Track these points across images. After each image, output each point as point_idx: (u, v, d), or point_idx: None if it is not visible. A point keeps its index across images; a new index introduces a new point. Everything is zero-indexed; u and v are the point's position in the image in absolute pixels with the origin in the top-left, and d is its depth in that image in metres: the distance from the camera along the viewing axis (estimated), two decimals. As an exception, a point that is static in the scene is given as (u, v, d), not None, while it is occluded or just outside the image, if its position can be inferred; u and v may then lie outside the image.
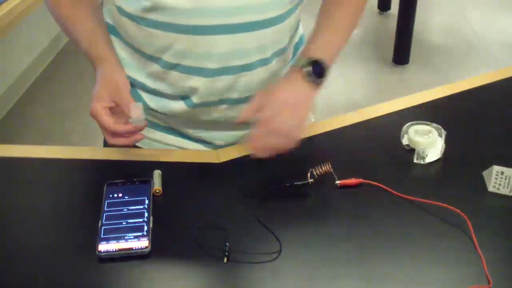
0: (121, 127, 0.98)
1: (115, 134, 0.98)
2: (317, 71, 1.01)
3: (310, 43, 1.05)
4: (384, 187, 0.95)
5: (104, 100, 0.99)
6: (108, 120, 0.97)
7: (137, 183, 0.97)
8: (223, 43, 0.99)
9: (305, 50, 1.05)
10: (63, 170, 1.05)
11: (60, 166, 1.05)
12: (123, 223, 0.89)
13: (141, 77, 1.09)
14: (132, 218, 0.90)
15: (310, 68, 1.00)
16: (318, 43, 1.05)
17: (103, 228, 0.89)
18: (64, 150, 1.10)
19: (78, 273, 0.83)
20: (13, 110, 3.18)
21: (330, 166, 0.96)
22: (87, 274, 0.83)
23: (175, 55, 1.02)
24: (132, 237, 0.87)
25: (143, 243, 0.85)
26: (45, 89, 3.38)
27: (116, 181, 0.98)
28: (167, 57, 1.03)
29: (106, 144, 1.24)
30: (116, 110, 1.00)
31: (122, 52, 1.10)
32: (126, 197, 0.94)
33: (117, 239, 0.86)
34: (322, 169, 0.96)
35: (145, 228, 0.88)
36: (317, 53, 1.02)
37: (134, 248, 0.85)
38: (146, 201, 0.93)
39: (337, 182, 0.97)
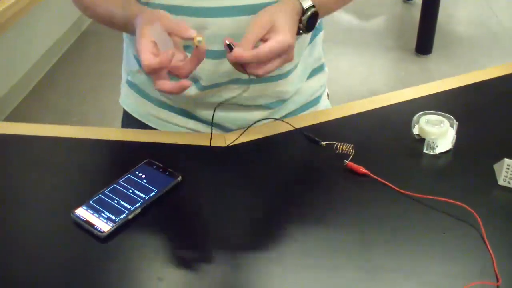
0: (155, 61, 0.85)
1: (154, 71, 0.87)
2: (310, 22, 0.97)
3: None
4: (390, 184, 0.93)
5: (146, 35, 0.88)
6: (145, 57, 0.85)
7: (166, 173, 0.94)
8: (228, 25, 0.99)
9: None
10: (74, 149, 1.05)
11: (71, 145, 1.06)
12: (115, 201, 0.89)
13: None
14: (124, 201, 0.89)
15: (309, 14, 0.96)
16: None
17: (99, 195, 0.89)
18: (72, 130, 1.10)
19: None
20: (34, 91, 3.21)
21: (352, 148, 0.98)
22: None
23: None
24: (105, 216, 0.86)
25: (105, 226, 0.84)
26: (66, 70, 3.41)
27: (156, 162, 0.96)
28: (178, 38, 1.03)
29: (124, 122, 1.25)
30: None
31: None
32: (144, 181, 0.93)
33: (96, 211, 0.86)
34: (344, 147, 0.98)
35: (122, 215, 0.86)
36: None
37: (95, 226, 0.84)
38: (152, 193, 0.90)
39: (346, 161, 0.96)
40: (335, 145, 1.00)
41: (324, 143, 1.01)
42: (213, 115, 1.07)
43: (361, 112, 1.12)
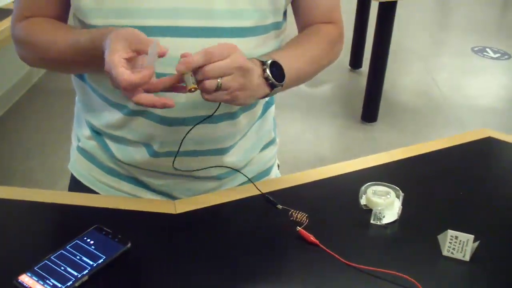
0: (136, 76, 0.83)
1: (133, 87, 0.84)
2: (275, 71, 0.96)
3: (271, 54, 1.00)
4: (337, 256, 0.94)
5: (119, 50, 0.85)
6: (123, 72, 0.82)
7: (115, 240, 0.93)
8: (185, 94, 1.00)
9: (264, 55, 0.99)
10: (18, 212, 1.03)
11: (15, 207, 1.03)
12: (62, 267, 0.86)
13: (106, 125, 1.09)
14: (71, 267, 0.86)
15: (269, 63, 0.95)
16: (280, 57, 0.99)
17: (45, 262, 0.87)
18: (17, 192, 1.08)
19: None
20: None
21: (306, 218, 1.00)
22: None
23: None
24: (51, 284, 0.83)
25: None
26: (11, 126, 3.35)
27: (105, 228, 0.95)
28: (131, 105, 1.03)
29: (71, 188, 1.23)
30: (135, 64, 0.88)
31: (89, 98, 1.10)
32: (92, 247, 0.91)
33: (41, 278, 0.84)
34: (299, 215, 1.00)
35: (69, 283, 0.84)
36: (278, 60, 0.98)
37: None
38: (100, 260, 0.88)
39: (298, 228, 0.98)
40: (290, 212, 1.01)
41: (280, 206, 1.02)
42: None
43: (311, 182, 1.14)
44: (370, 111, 3.54)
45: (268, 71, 0.94)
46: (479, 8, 6.02)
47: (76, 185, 1.21)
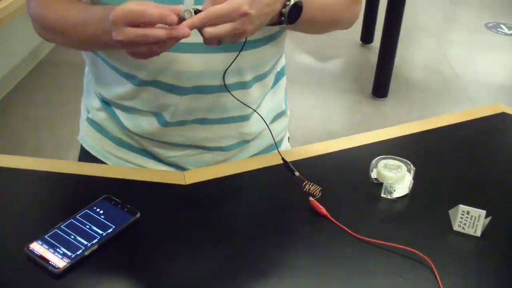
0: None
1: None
2: (294, 13, 0.92)
3: None
4: (347, 229, 0.93)
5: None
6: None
7: (125, 210, 0.93)
8: (197, 62, 0.99)
9: None
10: (30, 181, 1.03)
11: (28, 177, 1.04)
12: (72, 236, 0.87)
13: (117, 95, 1.09)
14: (81, 236, 0.87)
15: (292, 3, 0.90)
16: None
17: (55, 230, 0.87)
18: (29, 161, 1.08)
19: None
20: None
21: (319, 191, 0.98)
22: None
23: (151, 72, 1.01)
24: (61, 252, 0.84)
25: (60, 262, 0.82)
26: (20, 99, 3.35)
27: (114, 198, 0.95)
28: (142, 75, 1.02)
29: (81, 159, 1.23)
30: None
31: (100, 69, 1.10)
32: (102, 217, 0.91)
33: (52, 246, 0.84)
34: (312, 187, 0.98)
35: (78, 251, 0.84)
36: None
37: (50, 262, 0.82)
38: (109, 230, 0.88)
39: (311, 198, 0.97)
40: (304, 183, 1.00)
41: (297, 173, 1.00)
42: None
43: (322, 155, 1.13)
44: (380, 86, 3.52)
45: (287, 8, 0.89)
46: (493, -16, 5.94)
47: (85, 157, 1.21)
